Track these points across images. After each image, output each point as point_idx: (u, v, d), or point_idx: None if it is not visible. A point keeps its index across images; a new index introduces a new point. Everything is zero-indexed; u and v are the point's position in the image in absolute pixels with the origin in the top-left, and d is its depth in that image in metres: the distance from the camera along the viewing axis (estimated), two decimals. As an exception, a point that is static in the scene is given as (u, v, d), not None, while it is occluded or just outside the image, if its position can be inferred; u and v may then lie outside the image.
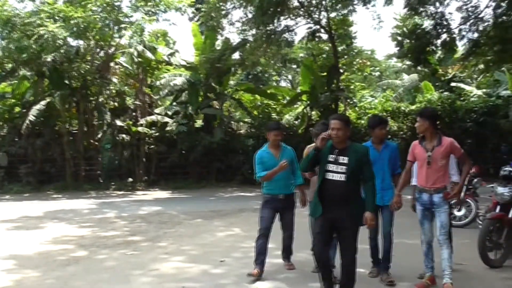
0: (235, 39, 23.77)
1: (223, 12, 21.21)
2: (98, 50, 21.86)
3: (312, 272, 6.45)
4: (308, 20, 22.57)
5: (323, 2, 21.11)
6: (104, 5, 19.59)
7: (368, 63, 33.06)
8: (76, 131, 22.01)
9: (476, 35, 16.32)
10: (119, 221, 12.11)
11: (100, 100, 21.60)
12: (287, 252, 7.11)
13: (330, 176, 5.16)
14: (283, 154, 6.88)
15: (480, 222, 9.70)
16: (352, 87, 27.65)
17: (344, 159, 5.14)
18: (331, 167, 5.17)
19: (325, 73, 23.96)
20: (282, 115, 25.50)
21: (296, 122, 25.11)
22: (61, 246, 8.96)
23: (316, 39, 23.92)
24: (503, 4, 15.05)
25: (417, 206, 6.27)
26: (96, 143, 21.67)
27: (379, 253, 6.59)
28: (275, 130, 6.95)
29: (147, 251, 8.51)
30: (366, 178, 5.24)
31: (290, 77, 40.92)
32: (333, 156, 5.18)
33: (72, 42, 21.02)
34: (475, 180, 11.13)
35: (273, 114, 24.89)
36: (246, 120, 25.34)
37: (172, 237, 9.78)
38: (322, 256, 5.23)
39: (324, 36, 23.80)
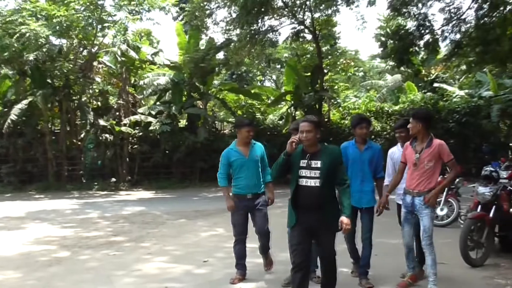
0: (219, 38, 23.75)
1: (207, 12, 21.15)
2: (81, 49, 21.76)
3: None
4: (292, 20, 22.61)
5: (307, 3, 21.16)
6: (87, 3, 19.46)
7: (352, 63, 33.18)
8: (58, 131, 21.84)
9: (458, 36, 16.47)
10: (102, 221, 12.04)
11: (83, 99, 21.46)
12: (263, 249, 6.68)
13: (303, 182, 4.93)
14: (253, 151, 6.53)
15: (461, 222, 9.80)
16: (336, 87, 27.76)
17: (317, 163, 4.90)
18: (303, 172, 4.93)
19: (309, 73, 24.02)
20: (266, 115, 25.56)
21: (280, 122, 25.18)
22: (43, 247, 8.89)
23: (300, 39, 23.98)
24: (485, 6, 15.19)
25: (402, 208, 6.21)
26: (79, 142, 21.53)
27: (359, 252, 6.44)
28: (247, 126, 6.54)
29: (130, 251, 8.48)
30: (340, 181, 5.00)
31: (274, 77, 41.02)
32: (304, 161, 4.94)
33: (55, 40, 20.95)
34: (457, 180, 11.23)
35: (257, 114, 24.90)
36: (230, 120, 25.32)
37: (155, 237, 9.75)
38: (304, 267, 4.95)
39: (308, 36, 23.88)
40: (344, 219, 4.83)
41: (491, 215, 7.45)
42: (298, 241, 4.95)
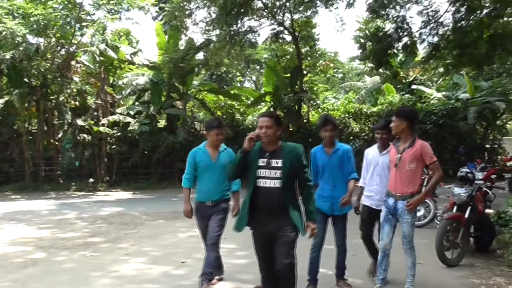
0: (198, 39, 23.81)
1: (187, 12, 21.11)
2: (59, 48, 21.55)
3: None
4: (272, 21, 22.66)
5: (287, 4, 21.21)
6: (65, 2, 19.31)
7: (331, 65, 33.37)
8: (35, 131, 21.63)
9: (436, 39, 16.61)
10: (79, 222, 11.94)
11: (60, 99, 21.26)
12: (206, 266, 5.86)
13: (262, 183, 4.51)
14: (222, 156, 6.06)
15: (438, 222, 9.90)
16: (315, 88, 27.85)
17: (277, 162, 4.51)
18: (262, 172, 4.53)
19: (288, 75, 24.10)
20: (245, 115, 25.57)
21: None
22: (18, 248, 8.78)
23: (280, 41, 24.08)
24: (462, 9, 15.37)
25: (382, 209, 5.90)
26: (57, 143, 21.33)
27: (318, 268, 5.95)
28: (216, 129, 6.02)
29: (108, 252, 8.41)
30: (303, 183, 4.64)
31: (254, 78, 41.03)
32: (264, 159, 4.55)
33: (32, 39, 20.73)
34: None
35: (236, 115, 24.91)
36: (209, 120, 25.22)
37: (133, 238, 9.69)
38: (272, 277, 4.65)
39: (288, 38, 23.99)
40: (311, 225, 4.59)
41: (466, 215, 7.54)
42: (262, 254, 4.68)
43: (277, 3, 21.85)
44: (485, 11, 15.18)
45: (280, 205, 4.48)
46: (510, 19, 16.05)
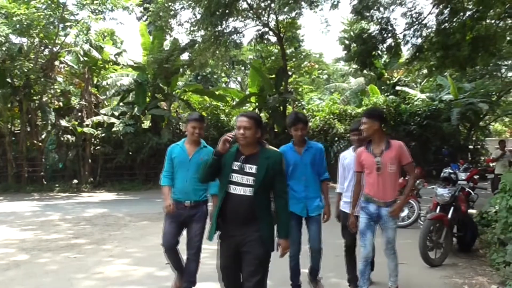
0: (183, 39, 23.74)
1: (172, 13, 21.06)
2: (42, 48, 21.41)
3: None
4: (257, 22, 22.70)
5: (272, 5, 21.25)
6: (49, 2, 19.19)
7: (316, 66, 33.54)
8: (18, 131, 21.45)
9: (419, 40, 16.74)
10: (63, 223, 11.85)
11: (44, 99, 21.13)
12: (188, 276, 5.69)
13: (233, 189, 4.09)
14: (199, 153, 5.65)
15: (421, 223, 9.98)
16: (300, 89, 27.99)
17: (251, 168, 4.10)
18: (235, 177, 4.11)
19: (273, 76, 24.18)
20: (231, 116, 25.57)
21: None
22: (1, 250, 8.68)
23: (265, 42, 24.12)
24: (445, 11, 15.50)
25: (361, 215, 5.57)
26: (40, 143, 21.15)
27: (299, 274, 5.73)
28: (193, 121, 5.67)
29: (91, 254, 8.36)
30: (278, 193, 4.18)
31: (239, 78, 41.07)
32: (238, 163, 4.14)
33: (15, 39, 20.55)
34: (418, 181, 11.44)
35: (222, 116, 24.90)
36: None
37: (117, 240, 9.64)
38: None
39: (273, 39, 24.03)
40: (283, 243, 4.18)
41: (449, 216, 7.62)
42: (225, 264, 4.25)
43: (262, 4, 21.90)
44: (468, 13, 15.34)
45: (250, 215, 4.05)
46: (492, 21, 16.23)
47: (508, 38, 17.62)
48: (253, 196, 4.04)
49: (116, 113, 22.35)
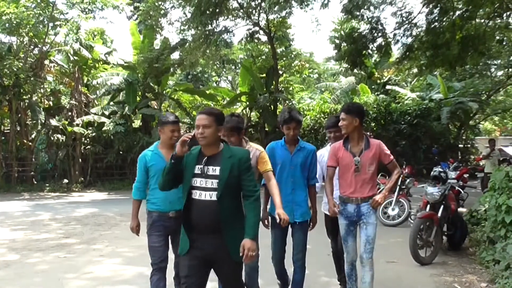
0: (174, 38, 23.77)
1: (162, 12, 21.04)
2: (32, 47, 21.32)
3: None
4: (247, 22, 22.70)
5: (262, 4, 21.26)
6: (38, 1, 19.08)
7: (307, 65, 33.59)
8: (8, 131, 21.33)
9: (410, 40, 16.78)
10: (53, 223, 11.81)
11: (33, 99, 21.01)
12: None
13: (196, 194, 3.71)
14: None
15: (411, 221, 10.02)
16: (291, 88, 27.99)
17: (214, 170, 3.71)
18: (197, 182, 3.72)
19: (264, 75, 24.18)
20: (221, 116, 25.54)
21: (235, 123, 25.20)
22: (-10, 250, 8.66)
23: (255, 41, 24.12)
24: (435, 11, 15.55)
25: (340, 220, 5.13)
26: (30, 143, 21.04)
27: (287, 275, 5.36)
28: (172, 125, 5.05)
29: (82, 253, 8.33)
30: (247, 193, 3.78)
31: (230, 78, 41.04)
32: (200, 166, 3.75)
33: (4, 38, 20.50)
34: (408, 180, 11.52)
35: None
36: (185, 120, 25.19)
37: (107, 239, 9.61)
38: None
39: (263, 38, 24.04)
40: (247, 243, 3.62)
41: (439, 214, 7.65)
42: (186, 273, 3.75)
43: (252, 3, 21.89)
44: (457, 12, 15.40)
45: (216, 223, 3.66)
46: (482, 20, 16.32)
47: (497, 37, 17.76)
48: (218, 201, 3.65)
49: (107, 113, 22.28)
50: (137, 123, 23.84)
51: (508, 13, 15.46)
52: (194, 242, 3.72)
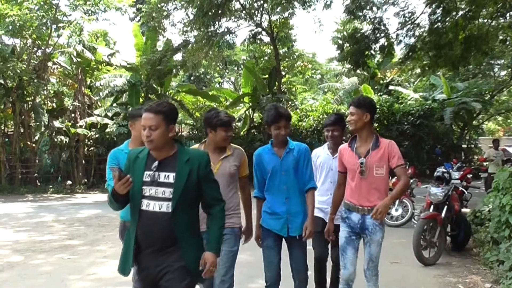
0: (176, 40, 23.78)
1: (165, 13, 21.07)
2: (35, 49, 21.34)
3: None
4: (250, 23, 22.72)
5: (265, 5, 21.27)
6: (41, 3, 19.09)
7: (310, 66, 33.53)
8: (11, 133, 21.37)
9: (412, 40, 16.76)
10: (57, 225, 11.82)
11: (37, 100, 21.05)
12: None
13: (146, 205, 3.12)
14: None
15: (415, 222, 10.02)
16: (293, 89, 28.00)
17: (167, 177, 3.13)
18: (147, 191, 3.13)
19: (267, 76, 24.19)
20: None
21: (239, 124, 25.25)
22: (-6, 252, 8.68)
23: (258, 42, 24.13)
24: (438, 11, 15.53)
25: (341, 227, 4.50)
26: (33, 145, 21.08)
27: None
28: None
29: (85, 255, 8.34)
30: (209, 202, 3.28)
31: (232, 79, 41.06)
32: (149, 173, 3.16)
33: (7, 40, 20.53)
34: (411, 180, 11.48)
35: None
36: (188, 122, 25.22)
37: (111, 241, 9.60)
38: None
39: (266, 39, 24.05)
40: (210, 257, 3.18)
41: (443, 215, 7.64)
42: None
43: (255, 4, 21.93)
44: (460, 12, 15.38)
45: (168, 238, 3.09)
46: (485, 20, 16.29)
47: (500, 37, 17.71)
48: (172, 213, 3.07)
49: (110, 114, 22.33)
50: (140, 125, 23.86)
51: (511, 12, 15.42)
52: (143, 260, 3.17)
